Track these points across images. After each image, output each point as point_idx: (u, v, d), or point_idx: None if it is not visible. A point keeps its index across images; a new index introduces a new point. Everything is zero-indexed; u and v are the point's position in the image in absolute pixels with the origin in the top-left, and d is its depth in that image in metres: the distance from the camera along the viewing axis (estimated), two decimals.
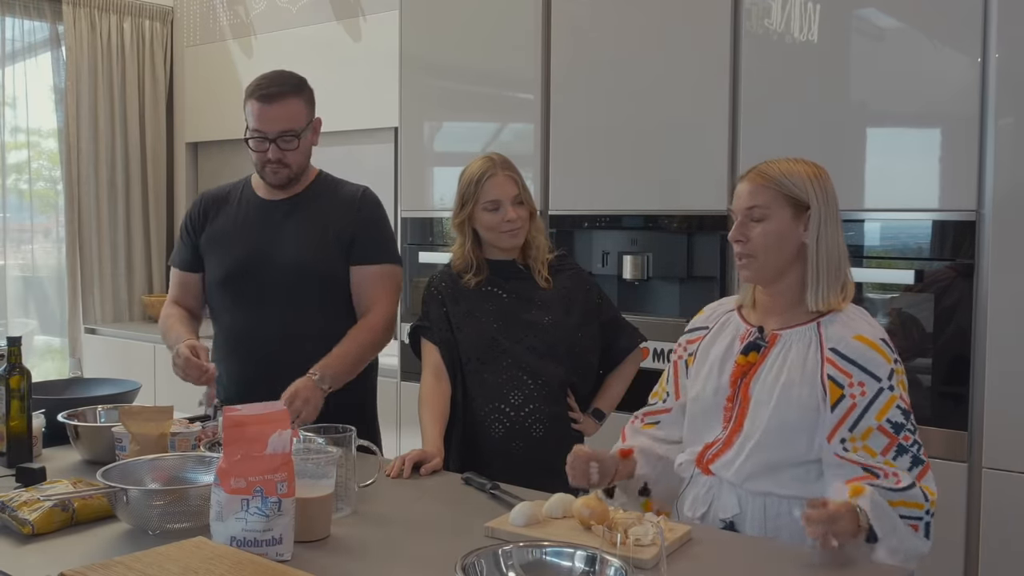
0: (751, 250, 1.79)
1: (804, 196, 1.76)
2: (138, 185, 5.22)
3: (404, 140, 3.72)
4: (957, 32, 2.50)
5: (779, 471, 1.75)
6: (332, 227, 2.38)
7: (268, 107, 2.30)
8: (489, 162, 2.27)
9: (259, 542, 1.50)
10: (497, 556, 1.39)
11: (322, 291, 2.37)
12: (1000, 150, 2.44)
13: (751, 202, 1.79)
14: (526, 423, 2.22)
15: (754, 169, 1.83)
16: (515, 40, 3.35)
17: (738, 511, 1.78)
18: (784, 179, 1.77)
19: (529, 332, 2.26)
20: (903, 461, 1.67)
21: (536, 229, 2.32)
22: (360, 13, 4.41)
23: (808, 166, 1.80)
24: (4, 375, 2.06)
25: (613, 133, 3.14)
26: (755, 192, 1.79)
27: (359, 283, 2.40)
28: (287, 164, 2.35)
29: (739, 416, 1.81)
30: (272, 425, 1.55)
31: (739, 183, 1.84)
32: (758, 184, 1.79)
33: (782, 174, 1.78)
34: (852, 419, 1.69)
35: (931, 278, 2.55)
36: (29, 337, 5.03)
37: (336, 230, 2.38)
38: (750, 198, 1.79)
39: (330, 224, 2.38)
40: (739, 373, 1.82)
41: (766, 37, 2.81)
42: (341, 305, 2.40)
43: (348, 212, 2.40)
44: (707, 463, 1.84)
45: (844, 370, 1.71)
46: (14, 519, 1.63)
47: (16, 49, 4.90)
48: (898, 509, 1.63)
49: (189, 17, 5.23)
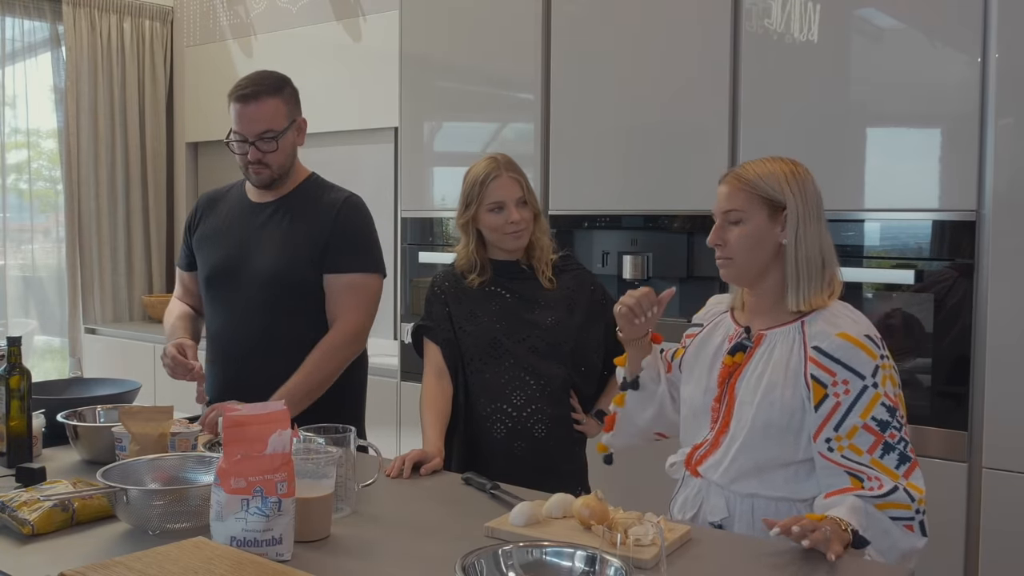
0: (729, 253, 1.80)
1: (780, 197, 1.76)
2: (138, 185, 5.23)
3: (404, 140, 3.73)
4: (957, 32, 2.50)
5: (766, 472, 1.75)
6: (308, 233, 2.35)
7: (246, 107, 2.29)
8: (493, 163, 2.27)
9: (259, 542, 1.50)
10: (497, 556, 1.38)
11: (296, 297, 2.35)
12: (1000, 150, 2.44)
13: (728, 205, 1.79)
14: (528, 423, 2.22)
15: (731, 172, 1.83)
16: (515, 40, 3.35)
17: (726, 515, 1.78)
18: (759, 181, 1.77)
19: (532, 332, 2.25)
20: (890, 459, 1.66)
21: (540, 230, 2.31)
22: (360, 13, 4.41)
23: (785, 164, 1.80)
24: (4, 375, 2.06)
25: (613, 133, 3.14)
26: (731, 195, 1.79)
27: (329, 293, 2.36)
28: (267, 165, 2.34)
29: (726, 416, 1.81)
30: (272, 425, 1.55)
31: (718, 186, 1.84)
32: (734, 187, 1.79)
33: (758, 176, 1.78)
34: (837, 418, 1.68)
35: (931, 278, 2.55)
36: (29, 337, 5.03)
37: (312, 236, 2.35)
38: (727, 201, 1.80)
39: (307, 230, 2.36)
40: (726, 373, 1.83)
41: (766, 37, 2.81)
42: (317, 312, 2.37)
43: (326, 219, 2.36)
44: (695, 464, 1.84)
45: (827, 368, 1.70)
46: (14, 519, 1.62)
47: (16, 49, 4.90)
48: (887, 512, 1.63)
49: (189, 17, 5.23)
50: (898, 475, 1.65)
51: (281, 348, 2.33)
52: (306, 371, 2.28)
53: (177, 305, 2.56)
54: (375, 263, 2.41)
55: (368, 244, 2.42)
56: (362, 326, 2.37)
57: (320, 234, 2.35)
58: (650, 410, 2.01)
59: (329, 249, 2.34)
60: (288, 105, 2.36)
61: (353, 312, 2.35)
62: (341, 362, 2.34)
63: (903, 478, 1.65)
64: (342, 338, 2.33)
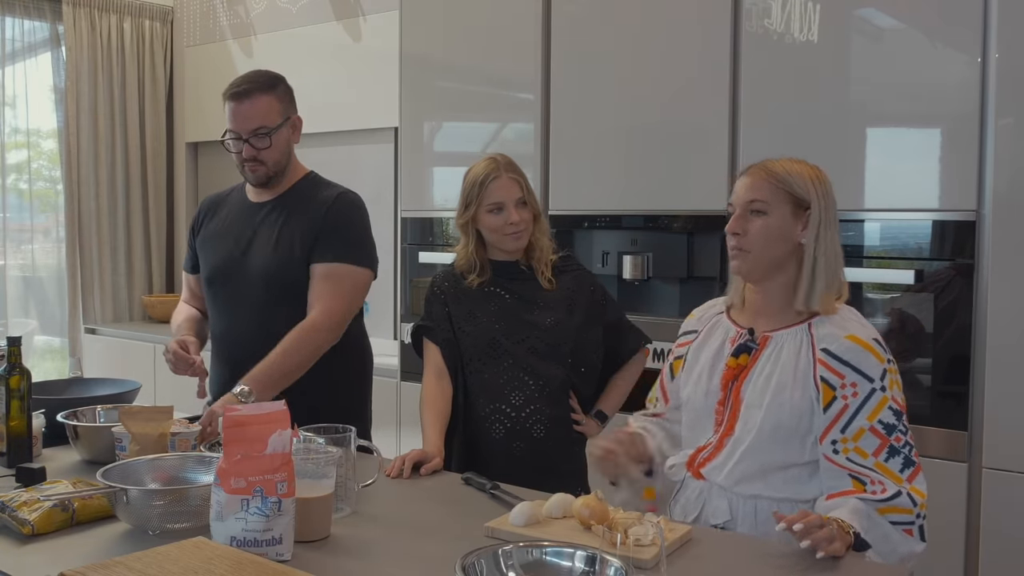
0: (747, 244, 1.79)
1: (806, 195, 1.76)
2: (138, 185, 5.22)
3: (404, 140, 3.73)
4: (957, 32, 2.50)
5: (770, 474, 1.75)
6: (300, 231, 2.35)
7: (240, 105, 2.31)
8: (493, 164, 2.26)
9: (259, 542, 1.50)
10: (497, 556, 1.38)
11: (291, 296, 2.34)
12: (1000, 150, 2.44)
13: (752, 195, 1.79)
14: (527, 424, 2.22)
15: (757, 164, 1.82)
16: (515, 40, 3.35)
17: (729, 517, 1.77)
18: (787, 177, 1.77)
19: (531, 333, 2.25)
20: (895, 462, 1.66)
21: (540, 231, 2.31)
22: (360, 13, 4.41)
23: (810, 168, 1.81)
24: (4, 375, 2.06)
25: (613, 133, 3.14)
26: (757, 186, 1.78)
27: (311, 282, 2.33)
28: (262, 162, 2.34)
29: (730, 419, 1.80)
30: (272, 425, 1.55)
31: (740, 178, 1.83)
32: (761, 179, 1.79)
33: (786, 172, 1.78)
34: (844, 420, 1.68)
35: (931, 278, 2.55)
36: (29, 337, 5.03)
37: (303, 234, 2.34)
38: (751, 192, 1.79)
39: (299, 228, 2.35)
40: (730, 376, 1.82)
41: (766, 37, 2.81)
42: None
43: (316, 215, 2.36)
44: (698, 467, 1.84)
45: (836, 371, 1.70)
46: (14, 519, 1.62)
47: (16, 49, 4.90)
48: (888, 517, 1.63)
49: (189, 17, 5.23)
50: (902, 479, 1.66)
51: None
52: (281, 351, 2.23)
53: (184, 308, 2.57)
54: (362, 257, 2.37)
55: (357, 238, 2.38)
56: (338, 313, 2.31)
57: (308, 231, 2.34)
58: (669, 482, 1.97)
59: (317, 242, 2.33)
60: (282, 102, 2.36)
61: (329, 299, 2.30)
62: (315, 347, 2.28)
63: (907, 482, 1.66)
64: (314, 323, 2.28)
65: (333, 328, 2.31)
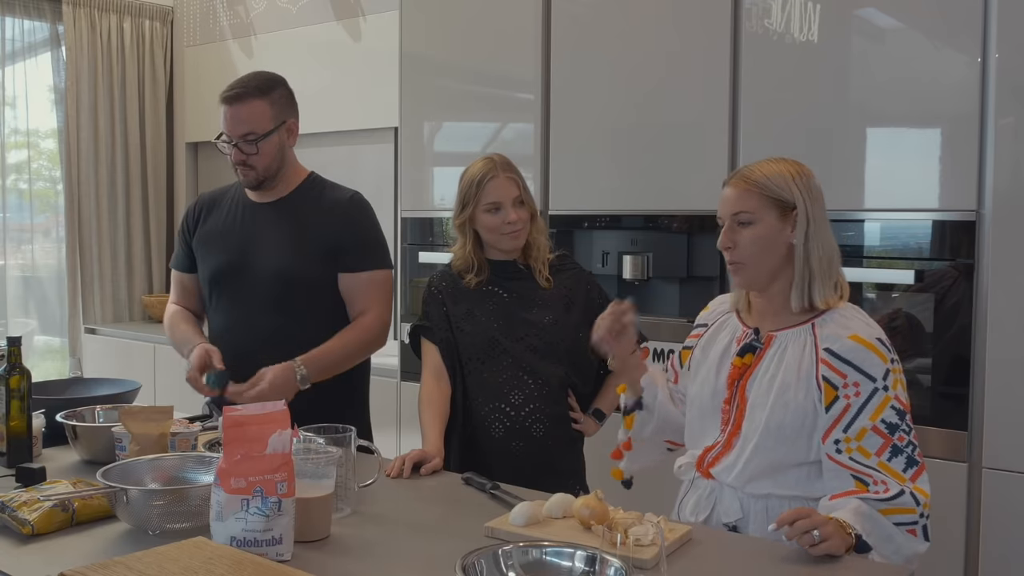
0: (741, 257, 1.79)
1: (789, 197, 1.76)
2: (138, 185, 5.23)
3: (404, 140, 3.72)
4: (957, 32, 2.50)
5: (780, 472, 1.75)
6: (315, 232, 2.35)
7: (231, 108, 2.30)
8: (490, 163, 2.27)
9: (259, 542, 1.50)
10: (497, 556, 1.39)
11: (302, 296, 2.35)
12: (1000, 150, 2.44)
13: (737, 207, 1.78)
14: (526, 423, 2.22)
15: (737, 174, 1.82)
16: (515, 40, 3.35)
17: (741, 516, 1.78)
18: (767, 182, 1.77)
19: (529, 332, 2.26)
20: (898, 462, 1.66)
21: (537, 230, 2.32)
22: (360, 13, 4.42)
23: (790, 165, 1.80)
24: (4, 375, 2.06)
25: (613, 133, 3.14)
26: (740, 197, 1.78)
27: (349, 290, 2.38)
28: (252, 166, 2.34)
29: (737, 418, 1.81)
30: (272, 425, 1.55)
31: (723, 189, 1.83)
32: (742, 189, 1.78)
33: (765, 176, 1.77)
34: (846, 420, 1.68)
35: (931, 278, 2.55)
36: (29, 337, 5.04)
37: (319, 235, 2.35)
38: (735, 203, 1.78)
39: (313, 229, 2.36)
40: (736, 375, 1.82)
41: (766, 37, 2.81)
42: (324, 311, 2.37)
43: (332, 218, 2.37)
44: (707, 467, 1.83)
45: (839, 370, 1.70)
46: (14, 519, 1.62)
47: (16, 49, 4.90)
48: (892, 517, 1.63)
49: (189, 17, 5.23)
50: (905, 478, 1.65)
51: (287, 346, 2.32)
52: (340, 343, 2.32)
53: (180, 312, 2.54)
54: (387, 259, 2.46)
55: (379, 240, 2.46)
56: (388, 320, 2.43)
57: (328, 233, 2.35)
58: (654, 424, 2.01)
59: (342, 248, 2.36)
60: (275, 107, 2.34)
61: (377, 307, 2.39)
62: (367, 348, 2.40)
63: (910, 481, 1.65)
64: (377, 325, 2.38)
65: (384, 332, 2.41)
